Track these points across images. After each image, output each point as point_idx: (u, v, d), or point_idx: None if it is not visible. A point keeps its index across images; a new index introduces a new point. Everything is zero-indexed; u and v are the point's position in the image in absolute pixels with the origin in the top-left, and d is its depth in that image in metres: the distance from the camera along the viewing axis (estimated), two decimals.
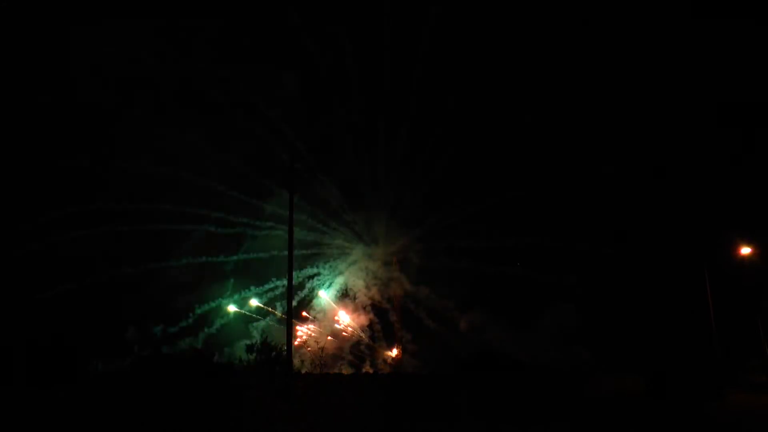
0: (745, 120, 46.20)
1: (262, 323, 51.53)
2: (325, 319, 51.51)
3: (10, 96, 48.94)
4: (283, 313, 50.93)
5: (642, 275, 43.95)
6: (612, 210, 45.92)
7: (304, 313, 52.82)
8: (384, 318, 52.63)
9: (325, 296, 51.88)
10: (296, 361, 31.58)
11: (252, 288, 52.33)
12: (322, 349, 32.66)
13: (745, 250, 38.55)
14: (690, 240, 43.41)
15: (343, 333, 51.24)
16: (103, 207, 50.60)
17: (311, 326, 52.22)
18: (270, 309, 52.14)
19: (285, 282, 49.95)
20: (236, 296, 52.82)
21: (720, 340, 37.36)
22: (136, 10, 50.78)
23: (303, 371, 33.29)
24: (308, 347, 38.79)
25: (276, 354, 27.73)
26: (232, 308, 52.80)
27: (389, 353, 51.65)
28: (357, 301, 52.26)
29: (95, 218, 50.14)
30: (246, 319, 52.51)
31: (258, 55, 52.48)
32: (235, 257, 53.13)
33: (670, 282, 43.35)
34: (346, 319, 51.86)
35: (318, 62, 50.10)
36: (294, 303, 33.11)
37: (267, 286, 52.39)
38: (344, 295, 52.77)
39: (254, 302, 52.34)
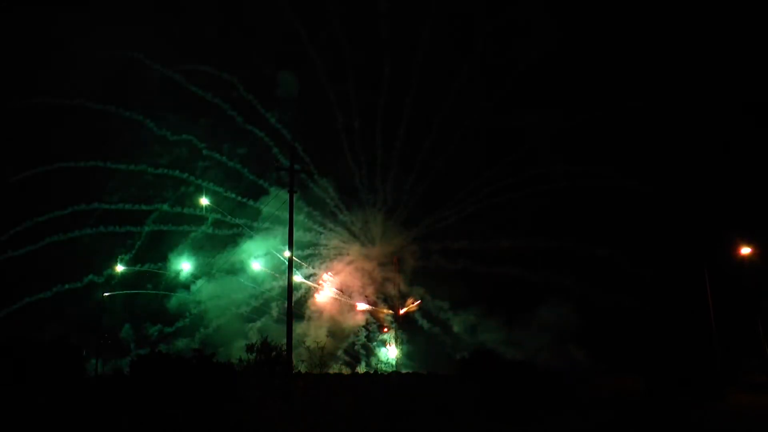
0: (746, 119, 46.42)
1: (258, 323, 51.42)
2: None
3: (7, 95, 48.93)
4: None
5: (642, 275, 43.92)
6: (612, 210, 45.93)
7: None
8: (380, 318, 52.59)
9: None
10: (295, 361, 31.36)
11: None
12: (323, 348, 32.52)
13: (745, 250, 38.64)
14: (690, 240, 43.46)
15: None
16: (100, 207, 50.68)
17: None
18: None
19: (280, 282, 50.12)
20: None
21: (720, 340, 37.41)
22: (136, 10, 50.84)
23: (302, 371, 33.07)
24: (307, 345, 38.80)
25: (276, 354, 27.57)
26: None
27: (385, 352, 51.51)
28: (353, 300, 52.22)
29: (95, 218, 50.21)
30: (243, 319, 52.38)
31: (258, 55, 52.57)
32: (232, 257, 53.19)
33: (670, 282, 43.38)
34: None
35: (317, 62, 50.13)
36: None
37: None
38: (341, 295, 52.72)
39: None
